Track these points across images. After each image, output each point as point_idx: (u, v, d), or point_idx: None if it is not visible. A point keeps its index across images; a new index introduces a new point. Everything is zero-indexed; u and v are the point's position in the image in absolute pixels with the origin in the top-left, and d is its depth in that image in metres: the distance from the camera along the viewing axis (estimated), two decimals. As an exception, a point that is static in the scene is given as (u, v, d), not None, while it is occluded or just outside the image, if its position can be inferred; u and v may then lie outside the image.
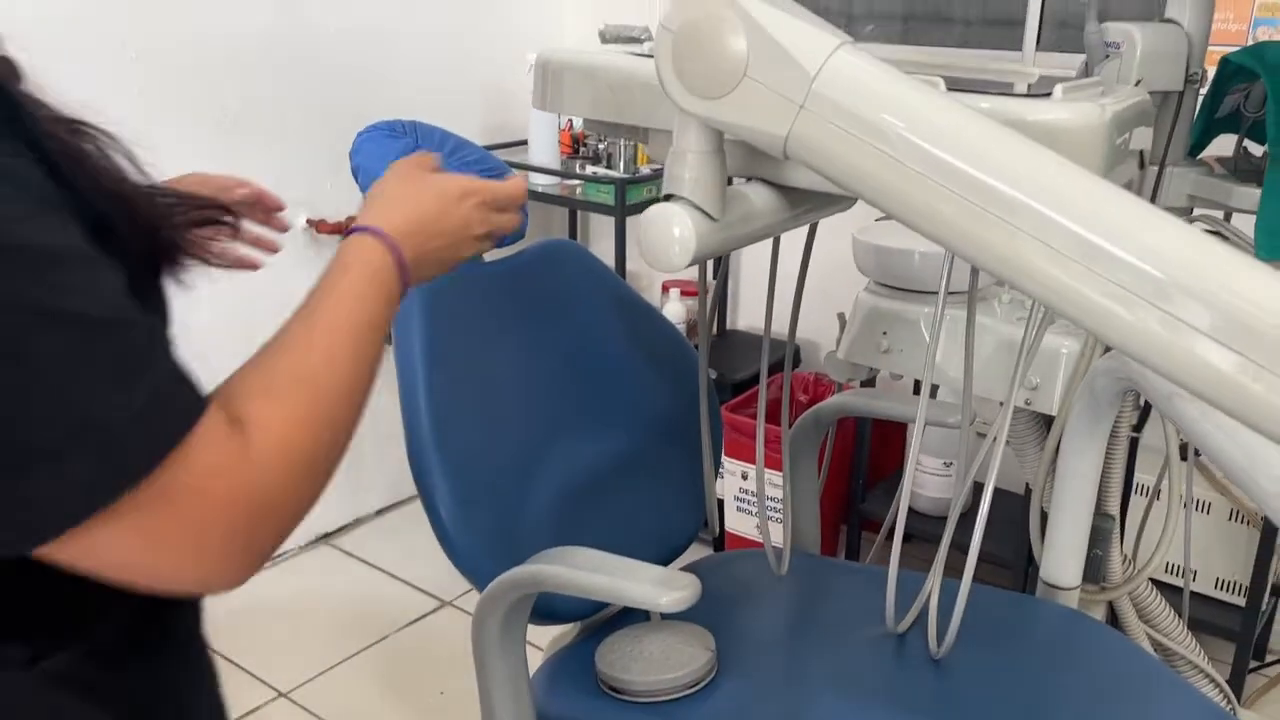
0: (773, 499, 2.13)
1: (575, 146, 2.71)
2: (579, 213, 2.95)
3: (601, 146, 2.60)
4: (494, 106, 2.75)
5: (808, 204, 0.92)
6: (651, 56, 0.81)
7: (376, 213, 0.74)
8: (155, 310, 0.66)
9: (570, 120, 2.76)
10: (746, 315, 2.84)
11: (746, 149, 0.84)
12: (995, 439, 0.99)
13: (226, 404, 0.59)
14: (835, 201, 0.94)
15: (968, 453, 1.18)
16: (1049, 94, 0.81)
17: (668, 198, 0.80)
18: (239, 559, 0.57)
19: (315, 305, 0.67)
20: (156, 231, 0.65)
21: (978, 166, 0.65)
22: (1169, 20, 1.18)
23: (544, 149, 2.57)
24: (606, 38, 1.21)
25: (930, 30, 2.51)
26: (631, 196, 2.44)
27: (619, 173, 2.50)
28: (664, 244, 0.78)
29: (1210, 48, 1.27)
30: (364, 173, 1.25)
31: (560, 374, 1.37)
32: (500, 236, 0.84)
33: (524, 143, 2.63)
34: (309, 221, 2.32)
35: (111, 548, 0.54)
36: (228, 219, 0.81)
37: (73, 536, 0.53)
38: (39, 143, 0.56)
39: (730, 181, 0.87)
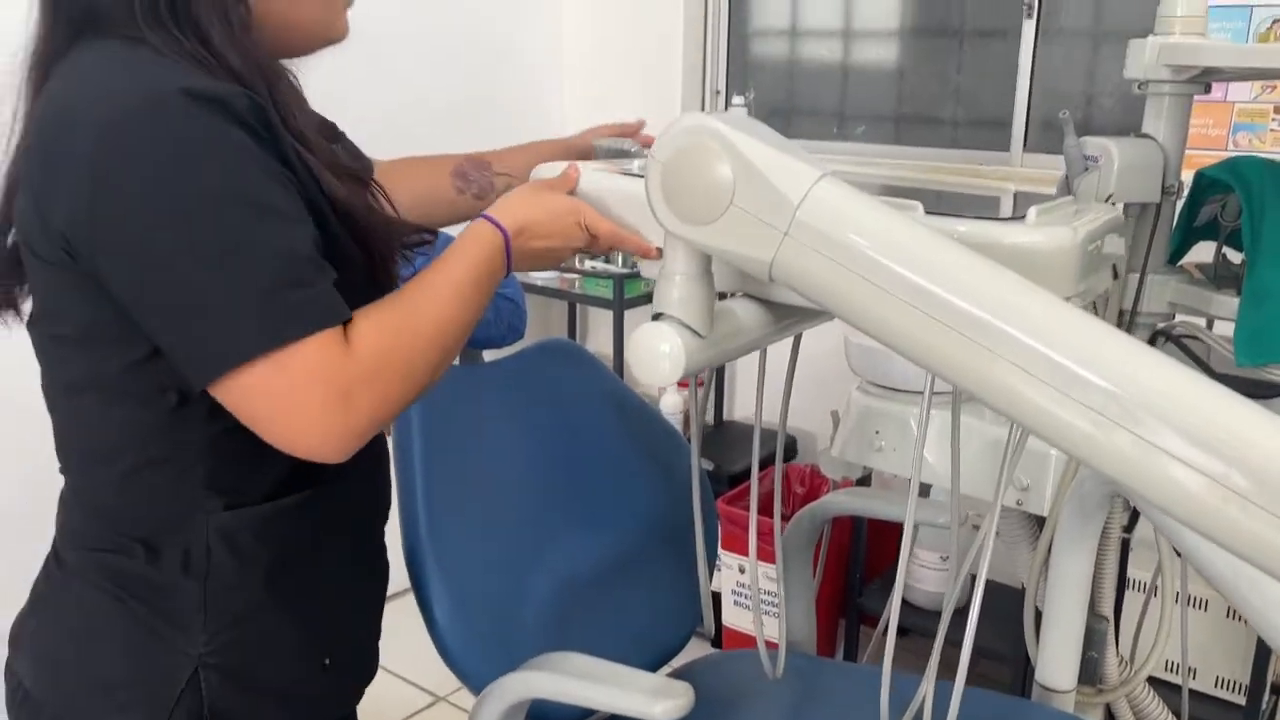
0: (770, 593, 2.12)
1: (574, 240, 2.77)
2: (578, 306, 2.99)
3: (600, 241, 2.65)
4: (495, 202, 2.81)
5: (793, 317, 0.95)
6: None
7: (499, 208, 0.92)
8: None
9: (570, 215, 2.83)
10: (743, 406, 2.86)
11: (734, 267, 0.87)
12: (983, 544, 1.00)
13: (357, 319, 0.78)
14: (820, 315, 0.97)
15: (959, 553, 1.19)
16: (1024, 217, 0.84)
17: (657, 316, 0.83)
18: (336, 430, 0.76)
19: (438, 262, 0.87)
20: (372, 246, 0.88)
21: (952, 292, 0.68)
22: (1145, 135, 1.23)
23: (544, 243, 2.62)
24: (601, 153, 1.25)
25: (920, 131, 2.58)
26: (630, 291, 2.48)
27: (617, 267, 2.55)
28: (653, 361, 0.82)
29: (1191, 151, 1.32)
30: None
31: (556, 472, 1.38)
32: (594, 252, 1.02)
33: (524, 237, 2.69)
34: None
35: (249, 399, 0.75)
36: (429, 239, 1.01)
37: (226, 381, 0.75)
38: (291, 162, 0.80)
39: (722, 296, 0.90)
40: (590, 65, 2.92)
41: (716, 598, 2.38)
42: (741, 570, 2.33)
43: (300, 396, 0.74)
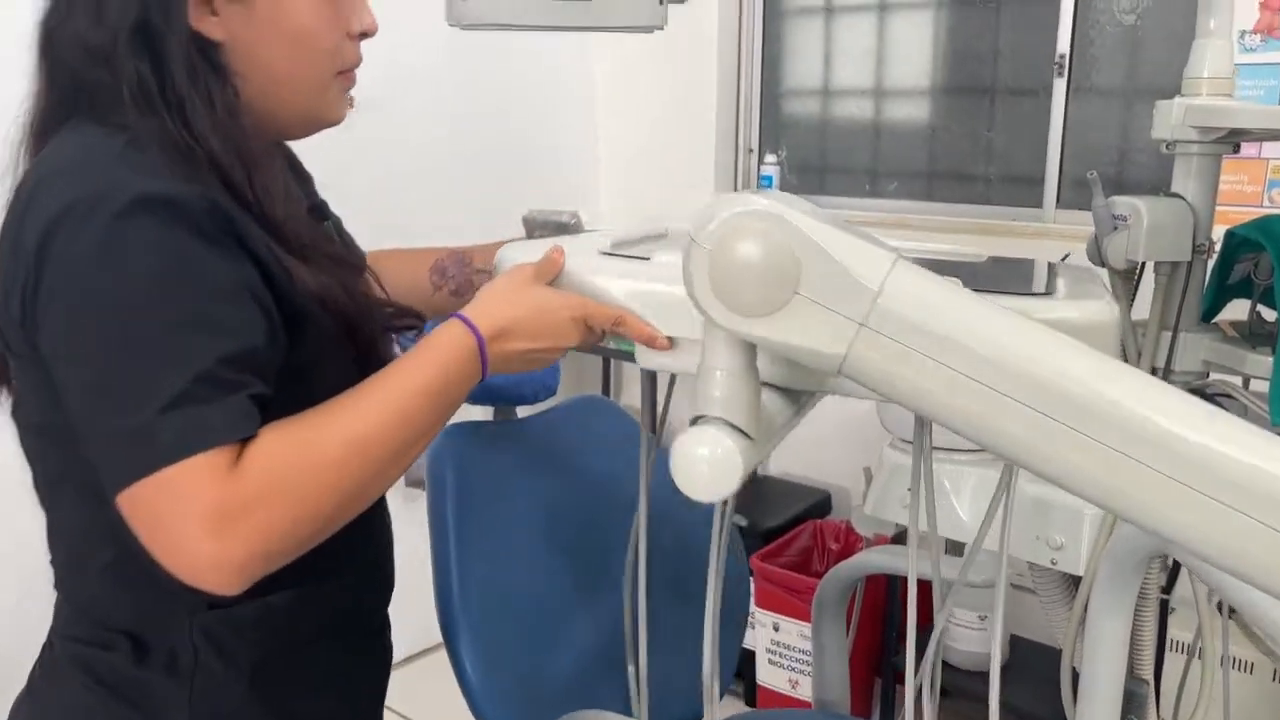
0: (804, 651, 2.10)
1: (609, 296, 2.80)
2: (611, 361, 3.01)
3: (634, 297, 2.68)
4: (531, 258, 2.85)
5: (812, 398, 0.94)
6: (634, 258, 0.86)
7: (476, 305, 0.85)
8: (341, 374, 0.83)
9: (604, 271, 2.86)
10: (778, 461, 2.85)
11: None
12: (998, 608, 0.99)
13: (261, 435, 0.73)
14: (844, 388, 0.97)
15: (1001, 615, 1.18)
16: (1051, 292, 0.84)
17: (697, 420, 0.74)
18: (213, 559, 0.69)
19: (396, 365, 0.81)
20: (357, 331, 0.86)
21: (1046, 377, 0.63)
22: (1174, 194, 1.23)
23: (578, 299, 2.65)
24: (533, 225, 1.16)
25: (952, 187, 2.59)
26: (663, 346, 2.50)
27: (651, 322, 2.57)
28: (708, 476, 0.72)
29: (1226, 208, 1.32)
30: (403, 337, 1.31)
31: (588, 528, 1.39)
32: (593, 345, 0.90)
33: (559, 293, 2.72)
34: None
35: (135, 518, 0.71)
36: (417, 324, 0.96)
37: (120, 498, 0.71)
38: (257, 253, 0.78)
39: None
40: (623, 124, 2.98)
41: (750, 655, 2.36)
42: (776, 628, 2.31)
43: (177, 521, 0.69)
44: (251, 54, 0.84)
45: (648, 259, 0.88)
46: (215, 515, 0.69)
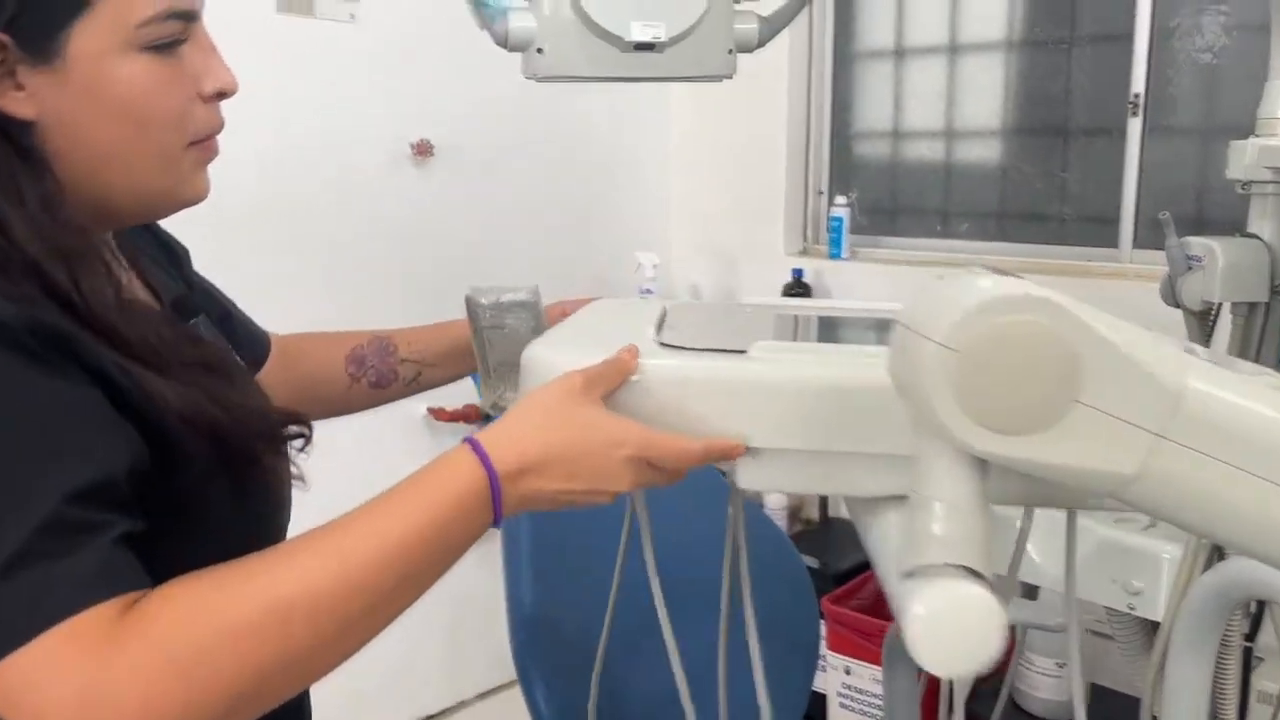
0: (876, 695, 2.08)
1: (679, 337, 2.83)
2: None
3: (705, 338, 2.70)
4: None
5: None
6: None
7: (498, 427, 0.69)
8: (230, 496, 0.71)
9: (675, 312, 2.89)
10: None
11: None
12: (1074, 652, 0.98)
13: (157, 592, 0.59)
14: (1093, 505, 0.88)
15: (1078, 662, 1.16)
16: None
17: (911, 574, 0.60)
18: None
19: (366, 507, 0.65)
20: (230, 449, 0.70)
21: None
22: (1250, 235, 1.22)
23: (649, 340, 2.69)
24: (483, 310, 0.99)
25: (1025, 228, 2.58)
26: (733, 386, 2.51)
27: (721, 363, 2.59)
28: (966, 644, 0.58)
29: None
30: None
31: (660, 566, 1.40)
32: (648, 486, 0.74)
33: (631, 334, 2.76)
34: (429, 410, 2.46)
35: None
36: (305, 433, 0.79)
37: None
38: (104, 369, 0.64)
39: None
40: (694, 167, 3.02)
41: (821, 699, 2.34)
42: (848, 671, 2.29)
43: (32, 715, 0.54)
44: (71, 131, 0.69)
45: (741, 351, 0.75)
46: (77, 706, 0.54)
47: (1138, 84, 2.32)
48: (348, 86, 2.30)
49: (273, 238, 2.21)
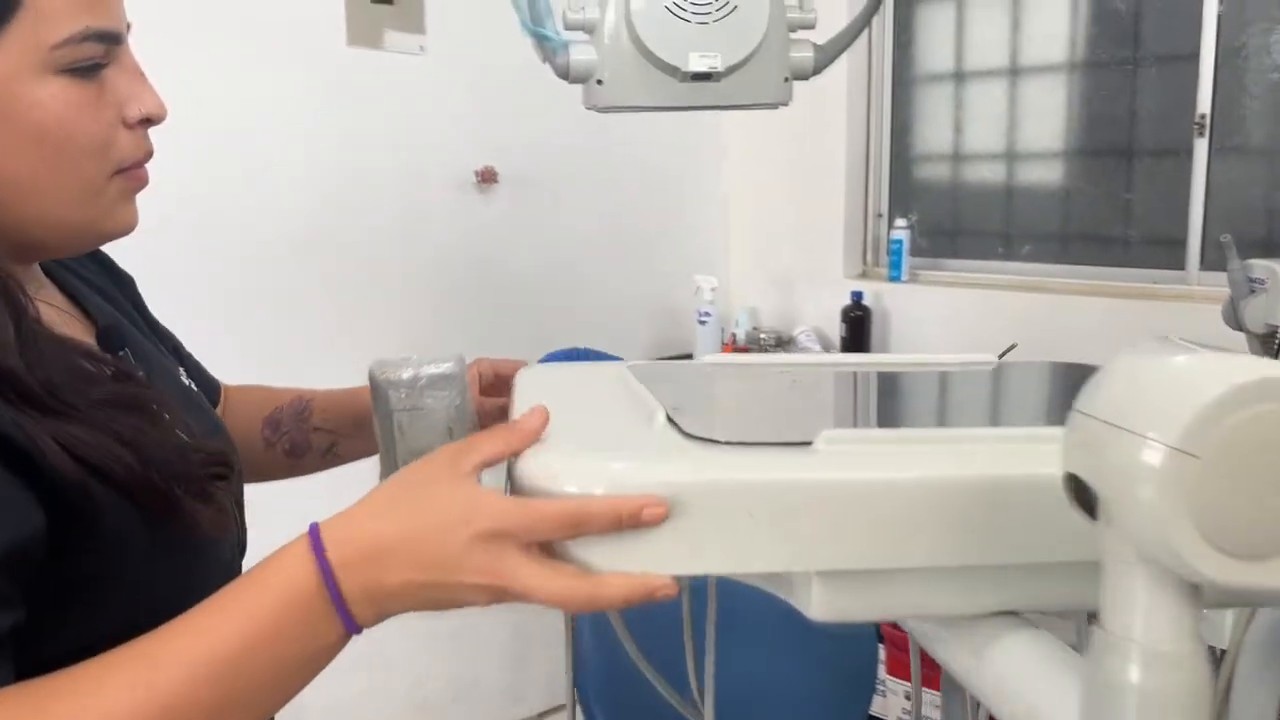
0: (936, 722, 2.06)
1: (738, 360, 2.84)
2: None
3: (763, 360, 2.72)
4: (662, 322, 2.93)
5: None
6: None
7: (347, 513, 0.57)
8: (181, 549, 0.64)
9: (734, 333, 2.91)
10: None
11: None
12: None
13: None
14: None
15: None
16: None
17: None
18: None
19: (186, 617, 0.55)
20: (145, 494, 0.62)
21: None
22: (1316, 257, 1.21)
23: (708, 362, 2.70)
24: (396, 389, 0.81)
25: (1089, 250, 2.55)
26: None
27: (780, 386, 2.59)
28: None
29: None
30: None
31: (720, 590, 1.42)
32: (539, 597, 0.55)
33: (689, 355, 2.78)
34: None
35: None
36: (224, 473, 0.70)
37: None
38: None
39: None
40: (753, 190, 3.04)
41: (881, 724, 2.32)
42: (906, 696, 2.27)
43: None
44: None
45: (805, 443, 0.60)
46: None
47: (1204, 104, 2.29)
48: (415, 117, 2.37)
49: (338, 265, 2.28)
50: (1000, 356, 0.93)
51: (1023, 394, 0.91)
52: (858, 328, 2.71)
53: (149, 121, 0.71)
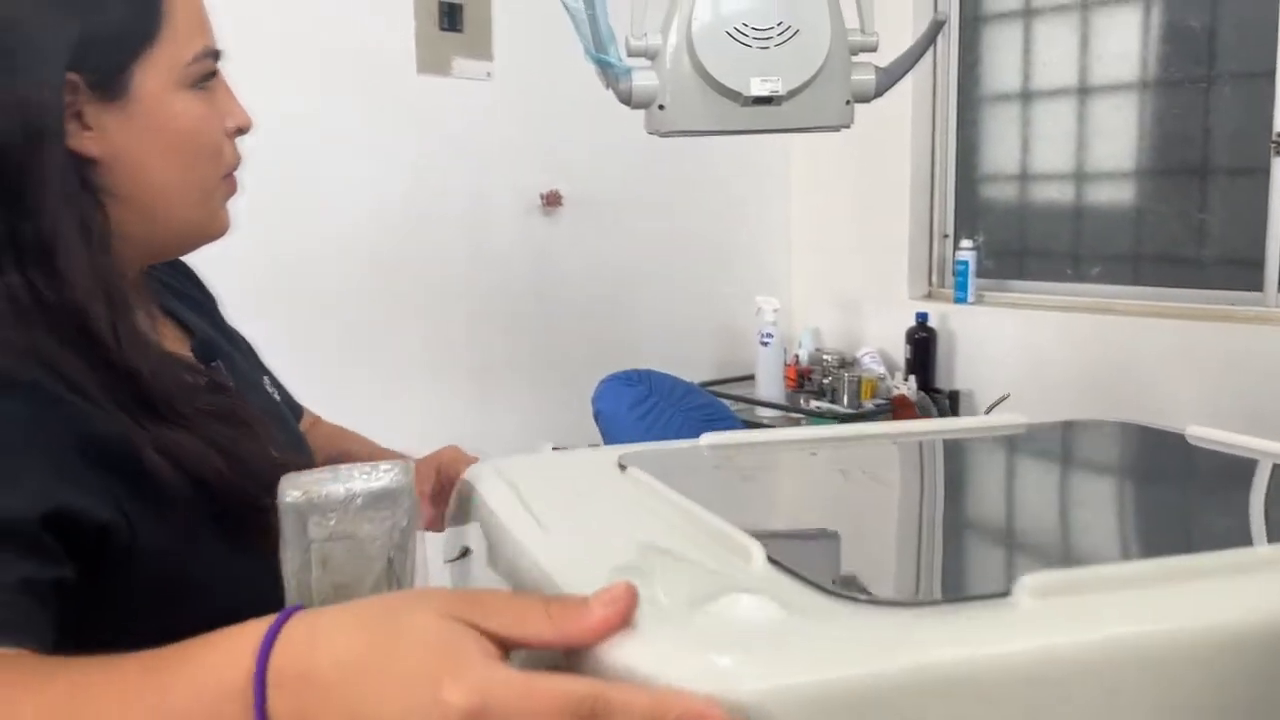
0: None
1: (800, 381, 2.83)
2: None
3: (826, 381, 2.70)
4: (723, 343, 2.93)
5: None
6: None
7: (322, 616, 0.47)
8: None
9: (796, 355, 2.90)
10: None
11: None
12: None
13: None
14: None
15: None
16: None
17: None
18: None
19: (107, 676, 0.49)
20: (234, 503, 0.66)
21: None
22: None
23: (770, 383, 2.70)
24: (319, 515, 0.61)
25: (1161, 271, 2.50)
26: (855, 431, 2.50)
27: (843, 407, 2.58)
28: None
29: None
30: (604, 417, 1.40)
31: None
32: None
33: (751, 377, 2.77)
34: (554, 448, 2.53)
35: None
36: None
37: None
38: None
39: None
40: (816, 211, 3.03)
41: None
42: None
43: None
44: (132, 167, 0.70)
45: (1002, 594, 0.46)
46: None
47: (1281, 122, 2.23)
48: (482, 141, 2.42)
49: (408, 288, 2.33)
50: (988, 411, 0.88)
51: (1164, 478, 0.81)
52: (923, 349, 2.69)
53: (241, 132, 0.78)
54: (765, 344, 2.69)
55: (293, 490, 0.60)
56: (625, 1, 1.26)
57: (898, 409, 2.54)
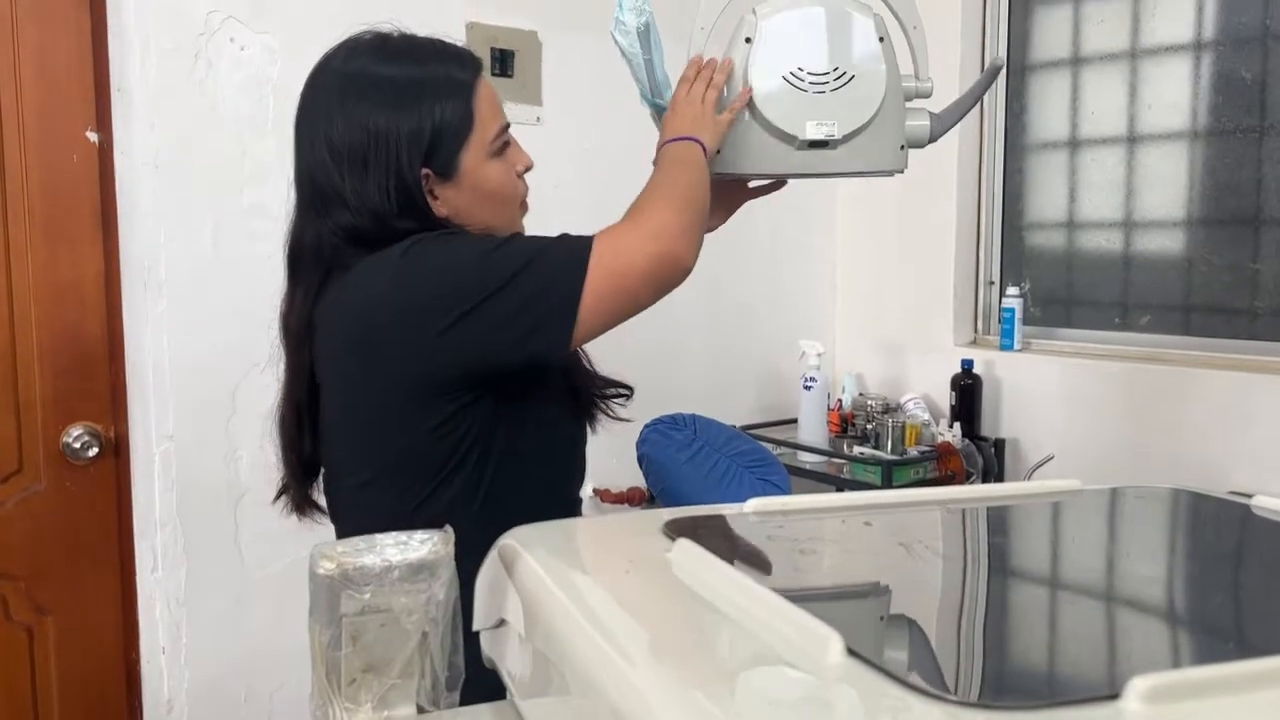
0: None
1: (844, 426, 2.81)
2: (846, 491, 3.00)
3: (869, 427, 2.68)
4: (767, 387, 2.92)
5: None
6: None
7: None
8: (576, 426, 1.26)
9: (840, 399, 2.88)
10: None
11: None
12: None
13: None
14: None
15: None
16: None
17: None
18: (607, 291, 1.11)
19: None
20: (578, 392, 1.24)
21: None
22: None
23: (813, 428, 2.68)
24: (352, 588, 0.61)
25: (1213, 321, 2.46)
26: (898, 478, 2.47)
27: (886, 454, 2.55)
28: None
29: None
30: (649, 461, 1.39)
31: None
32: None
33: (794, 421, 2.76)
34: (595, 490, 2.52)
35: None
36: (625, 391, 1.34)
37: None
38: None
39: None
40: (861, 256, 3.03)
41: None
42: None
43: None
44: (465, 219, 1.15)
45: (1110, 697, 0.43)
46: None
47: (1337, 173, 2.20)
48: (530, 185, 2.44)
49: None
50: (1031, 473, 0.85)
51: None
52: (968, 396, 2.66)
53: (527, 169, 1.24)
54: (809, 388, 2.67)
55: (325, 562, 0.58)
56: (681, 47, 1.28)
57: (942, 456, 2.51)
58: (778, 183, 1.45)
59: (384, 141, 1.09)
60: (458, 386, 1.07)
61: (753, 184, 1.45)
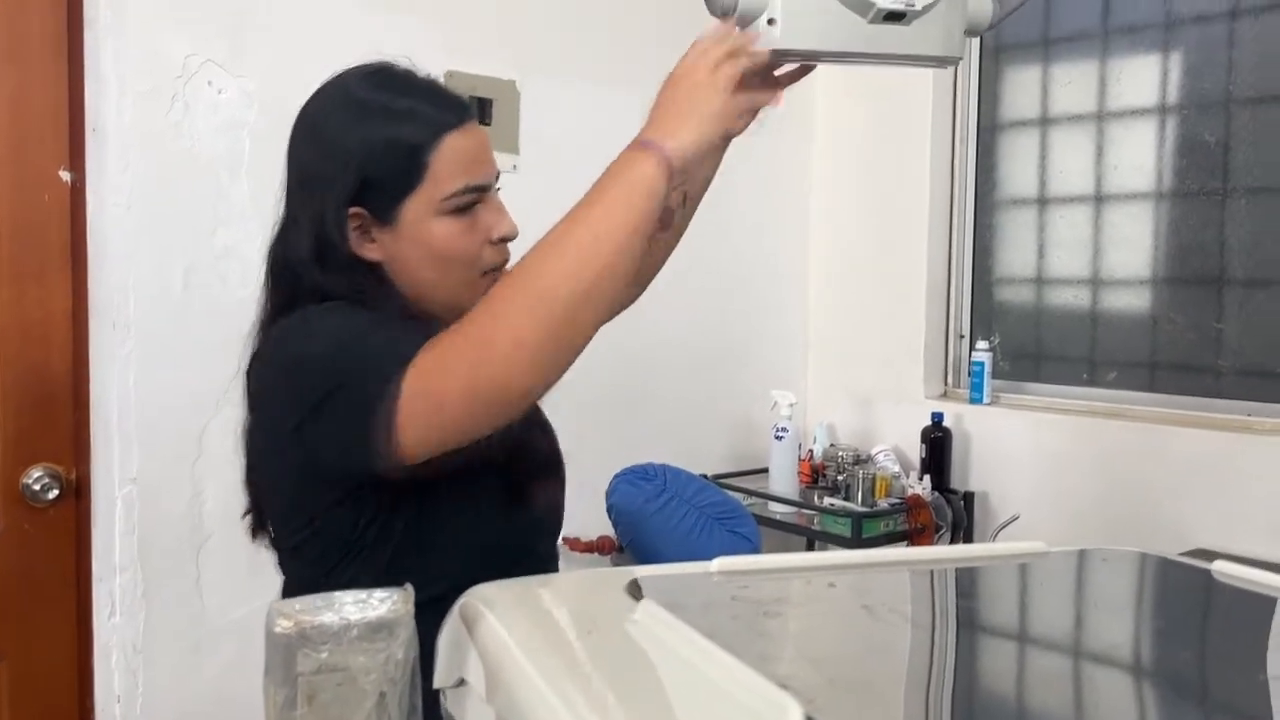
0: None
1: (815, 476, 2.81)
2: (815, 543, 2.99)
3: (840, 478, 2.68)
4: (738, 437, 2.92)
5: None
6: None
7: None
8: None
9: (811, 450, 2.89)
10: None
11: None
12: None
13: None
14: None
15: None
16: None
17: None
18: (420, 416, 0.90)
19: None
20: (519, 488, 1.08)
21: None
22: None
23: (784, 478, 2.68)
24: (308, 647, 0.60)
25: (1178, 379, 2.50)
26: (868, 530, 2.47)
27: (856, 505, 2.55)
28: None
29: None
30: (618, 512, 1.38)
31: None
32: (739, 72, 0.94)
33: (764, 470, 2.76)
34: (564, 539, 2.50)
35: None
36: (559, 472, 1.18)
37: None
38: None
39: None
40: (833, 308, 3.05)
41: None
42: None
43: None
44: (403, 269, 1.05)
45: None
46: None
47: (1298, 235, 2.25)
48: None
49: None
50: (996, 534, 0.85)
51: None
52: (938, 449, 2.67)
53: (505, 239, 1.09)
54: (780, 438, 2.68)
55: (282, 620, 0.56)
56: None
57: (912, 509, 2.52)
58: (803, 68, 1.12)
59: (329, 158, 1.03)
60: (329, 476, 0.99)
61: (779, 70, 1.10)
